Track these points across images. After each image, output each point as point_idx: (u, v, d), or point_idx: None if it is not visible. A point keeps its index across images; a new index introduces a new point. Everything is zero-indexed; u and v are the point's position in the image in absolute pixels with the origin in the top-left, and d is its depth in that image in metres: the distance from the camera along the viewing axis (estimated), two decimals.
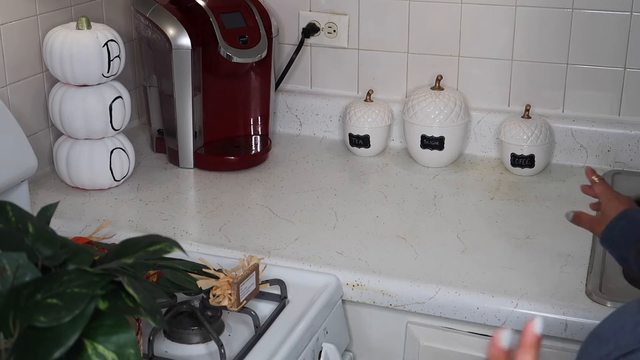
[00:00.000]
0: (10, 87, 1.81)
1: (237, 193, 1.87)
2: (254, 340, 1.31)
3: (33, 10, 1.84)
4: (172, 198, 1.85)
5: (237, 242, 1.63)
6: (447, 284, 1.47)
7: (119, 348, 0.92)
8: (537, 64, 2.02)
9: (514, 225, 1.70)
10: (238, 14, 1.98)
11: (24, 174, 1.67)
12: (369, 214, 1.76)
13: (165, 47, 1.92)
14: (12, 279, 0.94)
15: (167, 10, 1.94)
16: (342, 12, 2.15)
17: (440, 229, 1.69)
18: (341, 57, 2.19)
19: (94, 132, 1.82)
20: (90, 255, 1.03)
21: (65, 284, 0.92)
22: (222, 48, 1.90)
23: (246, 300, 1.33)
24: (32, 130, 1.88)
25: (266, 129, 2.11)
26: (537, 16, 1.98)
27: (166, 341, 1.33)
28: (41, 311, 0.89)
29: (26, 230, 1.02)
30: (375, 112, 2.06)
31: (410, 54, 2.12)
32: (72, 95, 1.79)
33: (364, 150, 2.07)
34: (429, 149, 1.99)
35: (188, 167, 2.00)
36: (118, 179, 1.86)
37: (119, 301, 0.94)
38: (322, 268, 1.53)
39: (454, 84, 2.09)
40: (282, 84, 2.22)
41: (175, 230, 1.69)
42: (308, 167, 2.02)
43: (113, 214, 1.76)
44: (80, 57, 1.75)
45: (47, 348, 0.88)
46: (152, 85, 2.06)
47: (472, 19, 2.04)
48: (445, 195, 1.86)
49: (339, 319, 1.50)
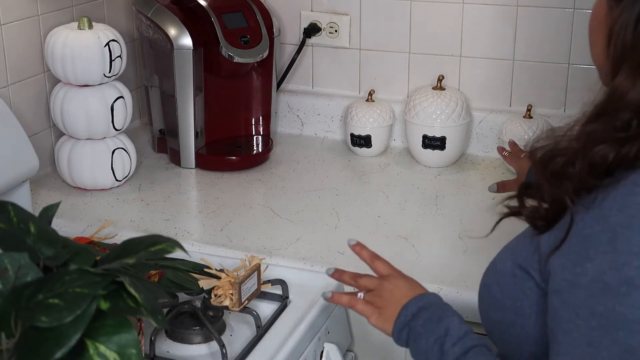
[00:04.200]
0: (12, 87, 1.81)
1: (239, 193, 1.87)
2: (255, 341, 1.31)
3: (35, 10, 1.85)
4: (174, 198, 1.85)
5: (238, 242, 1.63)
6: (448, 284, 1.47)
7: (120, 348, 0.92)
8: (539, 64, 2.02)
9: (515, 225, 1.69)
10: (239, 14, 1.98)
11: (25, 174, 1.67)
12: (370, 214, 1.76)
13: (166, 47, 1.92)
14: (14, 279, 0.94)
15: (169, 11, 1.94)
16: (343, 12, 2.15)
17: (442, 229, 1.69)
18: (343, 57, 2.19)
19: (95, 132, 1.82)
20: (92, 256, 1.03)
21: (67, 284, 0.92)
22: (223, 48, 1.90)
23: (248, 300, 1.33)
24: (34, 130, 1.88)
25: (268, 129, 2.11)
26: (538, 16, 1.98)
27: (168, 341, 1.33)
28: (43, 311, 0.89)
29: (28, 230, 1.02)
30: (377, 112, 2.06)
31: (412, 54, 2.12)
32: (73, 95, 1.79)
33: (366, 150, 2.07)
34: (430, 149, 1.99)
35: (189, 167, 2.00)
36: (119, 179, 1.86)
37: (121, 301, 0.94)
38: (323, 268, 1.52)
39: (455, 84, 2.09)
40: (284, 84, 2.22)
41: (177, 230, 1.69)
42: (309, 167, 2.02)
43: (114, 214, 1.76)
44: (82, 57, 1.75)
45: (49, 348, 0.88)
46: (154, 85, 2.06)
47: (474, 19, 2.04)
48: (446, 195, 1.86)
49: (340, 319, 1.50)
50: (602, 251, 0.91)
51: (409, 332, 1.16)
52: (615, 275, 0.89)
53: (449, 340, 1.10)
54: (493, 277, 1.11)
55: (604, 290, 0.90)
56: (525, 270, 1.03)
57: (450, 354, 1.09)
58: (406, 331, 1.17)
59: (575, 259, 0.94)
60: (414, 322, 1.16)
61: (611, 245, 0.90)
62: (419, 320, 1.16)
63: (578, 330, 0.92)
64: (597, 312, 0.90)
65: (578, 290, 0.93)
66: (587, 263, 0.92)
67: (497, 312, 1.09)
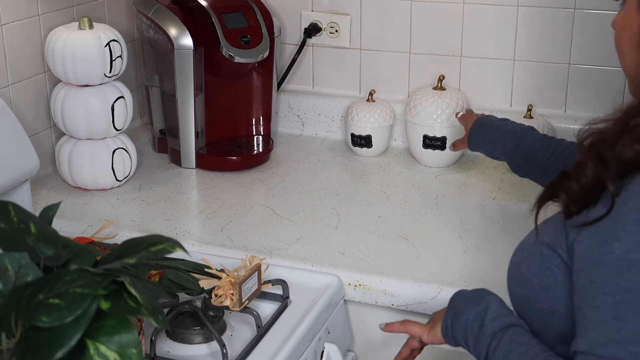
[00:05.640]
0: (13, 87, 1.81)
1: (239, 193, 1.87)
2: (256, 340, 1.31)
3: (35, 10, 1.85)
4: (174, 198, 1.85)
5: (239, 242, 1.63)
6: (449, 283, 1.47)
7: (121, 348, 0.92)
8: (540, 64, 2.02)
9: (516, 225, 1.69)
10: (240, 14, 1.98)
11: (26, 174, 1.67)
12: (371, 214, 1.76)
13: (167, 47, 1.92)
14: (14, 279, 0.94)
15: (169, 11, 1.94)
16: (344, 12, 2.15)
17: (442, 229, 1.69)
18: (343, 57, 2.19)
19: (96, 132, 1.82)
20: (93, 256, 1.03)
21: (68, 284, 0.92)
22: (224, 48, 1.90)
23: (248, 300, 1.33)
24: (34, 130, 1.88)
25: (268, 129, 2.11)
26: (539, 16, 1.98)
27: (168, 341, 1.34)
28: (43, 311, 0.89)
29: (28, 230, 1.02)
30: (377, 112, 2.06)
31: (412, 54, 2.12)
32: (74, 95, 1.79)
33: (366, 150, 2.07)
34: (431, 149, 1.99)
35: (190, 167, 2.00)
36: (120, 179, 1.86)
37: (121, 301, 0.94)
38: (324, 268, 1.53)
39: (456, 84, 2.09)
40: (284, 84, 2.22)
41: (177, 230, 1.69)
42: (310, 167, 2.02)
43: (115, 214, 1.76)
44: (82, 57, 1.75)
45: (49, 348, 0.88)
46: (154, 85, 2.06)
47: (474, 18, 2.04)
48: (447, 195, 1.86)
49: (341, 319, 1.50)
50: (629, 230, 0.97)
51: (452, 314, 1.20)
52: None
53: (489, 315, 1.15)
54: (521, 255, 1.16)
55: (629, 266, 0.96)
56: (553, 249, 1.08)
57: (489, 327, 1.14)
58: (450, 314, 1.21)
59: (603, 239, 0.99)
60: (456, 302, 1.22)
61: (637, 225, 0.96)
62: (461, 301, 1.22)
63: (605, 305, 0.98)
64: (623, 287, 0.96)
65: (605, 268, 0.98)
66: (615, 242, 0.98)
67: (525, 289, 1.14)
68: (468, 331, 1.16)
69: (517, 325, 1.14)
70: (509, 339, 1.11)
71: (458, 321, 1.19)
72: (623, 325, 0.96)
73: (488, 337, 1.13)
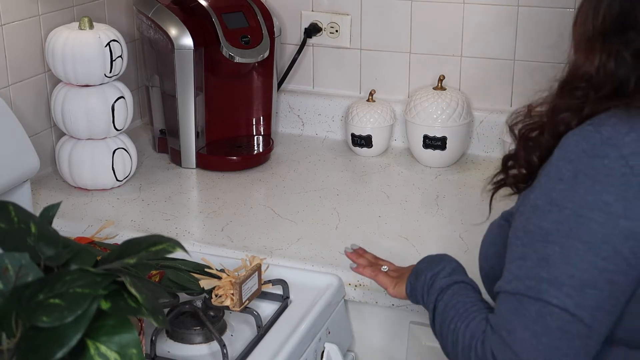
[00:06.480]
0: (13, 87, 1.81)
1: (240, 193, 1.87)
2: (256, 340, 1.31)
3: (35, 10, 1.85)
4: (175, 198, 1.85)
5: (239, 242, 1.63)
6: None
7: (121, 348, 0.92)
8: (540, 64, 2.02)
9: None
10: (240, 14, 1.98)
11: (26, 174, 1.67)
12: (371, 214, 1.76)
13: (167, 47, 1.92)
14: (15, 279, 0.94)
15: (170, 11, 1.94)
16: (344, 12, 2.15)
17: (442, 229, 1.69)
18: (343, 57, 2.19)
19: (96, 132, 1.82)
20: (93, 256, 1.03)
21: (68, 284, 0.92)
22: (224, 48, 1.90)
23: (248, 300, 1.33)
24: (35, 130, 1.88)
25: (268, 129, 2.11)
26: (539, 16, 1.98)
27: (168, 341, 1.34)
28: (43, 311, 0.89)
29: (28, 230, 1.02)
30: (378, 112, 2.06)
31: (413, 54, 2.12)
32: (74, 95, 1.79)
33: (366, 150, 2.07)
34: (431, 149, 1.99)
35: (190, 167, 2.00)
36: (120, 179, 1.86)
37: (122, 301, 0.94)
38: (324, 268, 1.53)
39: (456, 84, 2.09)
40: (285, 84, 2.22)
41: (178, 230, 1.69)
42: (310, 167, 2.02)
43: (115, 214, 1.76)
44: (83, 57, 1.75)
45: (50, 348, 0.88)
46: (155, 86, 2.06)
47: (474, 18, 2.04)
48: (447, 195, 1.86)
49: (341, 319, 1.50)
50: (540, 182, 1.07)
51: (415, 275, 1.28)
52: (543, 198, 1.05)
53: (442, 274, 1.23)
54: (487, 232, 1.25)
55: (534, 211, 1.06)
56: (507, 220, 1.17)
57: (438, 283, 1.22)
58: (413, 275, 1.28)
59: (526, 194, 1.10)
60: (419, 264, 1.29)
61: (547, 176, 1.06)
62: (423, 263, 1.29)
63: (515, 248, 1.07)
64: (528, 230, 1.06)
65: (520, 216, 1.09)
66: (531, 194, 1.08)
67: (486, 262, 1.23)
68: (424, 289, 1.24)
69: (463, 282, 1.21)
70: (452, 293, 1.19)
71: (417, 281, 1.26)
72: (524, 263, 1.05)
73: (436, 292, 1.21)
